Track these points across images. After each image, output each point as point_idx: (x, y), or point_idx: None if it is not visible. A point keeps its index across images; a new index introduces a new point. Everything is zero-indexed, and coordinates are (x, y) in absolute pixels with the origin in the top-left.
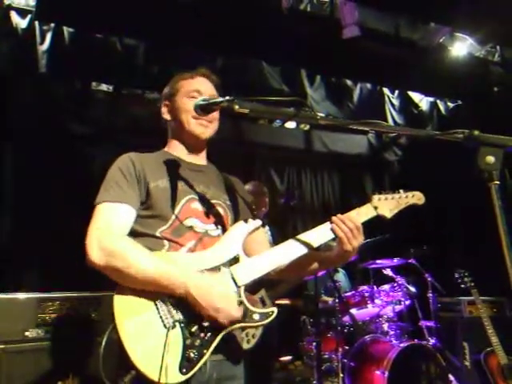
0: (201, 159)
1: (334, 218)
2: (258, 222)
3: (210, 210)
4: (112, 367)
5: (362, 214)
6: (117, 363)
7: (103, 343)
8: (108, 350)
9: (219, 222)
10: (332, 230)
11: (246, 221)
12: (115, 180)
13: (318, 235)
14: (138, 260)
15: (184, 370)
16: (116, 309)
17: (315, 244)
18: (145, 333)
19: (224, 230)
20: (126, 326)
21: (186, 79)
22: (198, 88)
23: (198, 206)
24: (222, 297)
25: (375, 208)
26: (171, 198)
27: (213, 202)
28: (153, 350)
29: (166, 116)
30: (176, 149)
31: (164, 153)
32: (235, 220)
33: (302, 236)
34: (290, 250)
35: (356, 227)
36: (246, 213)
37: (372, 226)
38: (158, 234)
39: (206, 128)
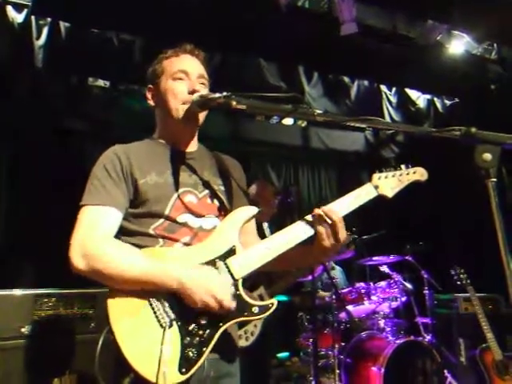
0: (192, 145)
1: (316, 211)
2: (255, 210)
3: (204, 202)
4: (109, 369)
5: (362, 196)
6: (114, 366)
7: (99, 346)
8: (104, 352)
9: (215, 213)
10: (312, 221)
11: (242, 208)
12: (99, 180)
13: (303, 228)
14: (125, 260)
15: (183, 370)
16: (110, 310)
17: (307, 234)
18: (141, 334)
19: (220, 219)
20: (121, 328)
21: (169, 58)
22: (183, 68)
23: (191, 198)
24: (216, 285)
25: (376, 187)
26: (162, 194)
27: (207, 191)
28: (150, 350)
29: (151, 102)
30: (165, 136)
31: (152, 141)
32: (231, 206)
33: (298, 224)
34: (288, 238)
35: (338, 221)
36: (241, 198)
37: (368, 223)
38: (151, 232)
39: (198, 112)
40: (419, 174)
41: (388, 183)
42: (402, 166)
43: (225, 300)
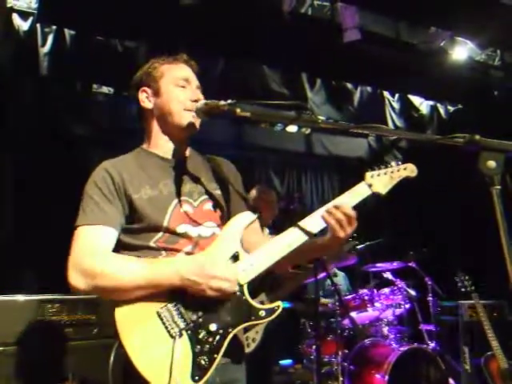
0: (184, 151)
1: (326, 207)
2: (254, 216)
3: (200, 209)
4: (119, 380)
5: (356, 195)
6: (125, 377)
7: (111, 360)
8: (117, 367)
9: (212, 219)
10: (323, 217)
11: (242, 214)
12: (92, 198)
13: (314, 223)
14: (125, 271)
15: (197, 378)
16: (119, 324)
17: (314, 231)
18: (151, 345)
19: (218, 225)
20: (131, 341)
21: (166, 64)
22: (185, 76)
23: (187, 208)
24: (214, 264)
25: (369, 186)
26: (158, 207)
27: (203, 197)
28: (162, 362)
29: (147, 104)
30: (157, 145)
31: (142, 152)
32: (228, 210)
33: (299, 225)
34: (290, 240)
35: (349, 214)
36: (239, 202)
37: (372, 230)
38: (152, 245)
39: (197, 120)
40: (410, 169)
41: (381, 181)
42: (393, 163)
43: (228, 276)
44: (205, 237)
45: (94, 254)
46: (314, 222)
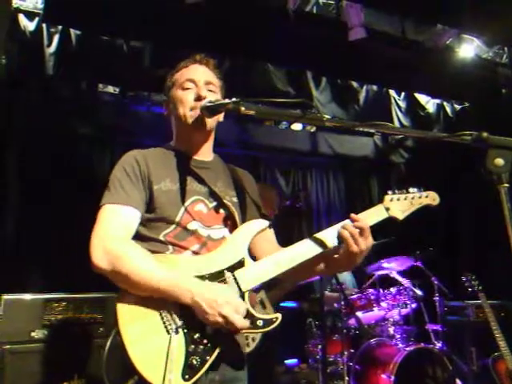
0: (207, 153)
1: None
2: (265, 223)
3: (214, 211)
4: (115, 371)
5: (372, 216)
6: (120, 368)
7: (106, 348)
8: (111, 355)
9: (224, 223)
10: (338, 232)
11: (253, 221)
12: (119, 180)
13: (328, 236)
14: (143, 267)
15: (187, 377)
16: (119, 313)
17: (328, 244)
18: (148, 338)
19: (230, 230)
20: (129, 332)
21: (180, 70)
22: (190, 77)
23: (202, 207)
24: (227, 307)
25: (387, 209)
26: (174, 201)
27: (219, 201)
28: (156, 355)
29: (166, 112)
30: (181, 144)
31: (168, 149)
32: (242, 218)
33: (310, 238)
34: (297, 254)
35: (363, 229)
36: (253, 211)
37: (378, 229)
38: (161, 238)
39: (207, 117)
40: (431, 198)
41: (399, 206)
42: (415, 189)
43: (236, 322)
44: (214, 239)
45: (117, 236)
46: (328, 234)
